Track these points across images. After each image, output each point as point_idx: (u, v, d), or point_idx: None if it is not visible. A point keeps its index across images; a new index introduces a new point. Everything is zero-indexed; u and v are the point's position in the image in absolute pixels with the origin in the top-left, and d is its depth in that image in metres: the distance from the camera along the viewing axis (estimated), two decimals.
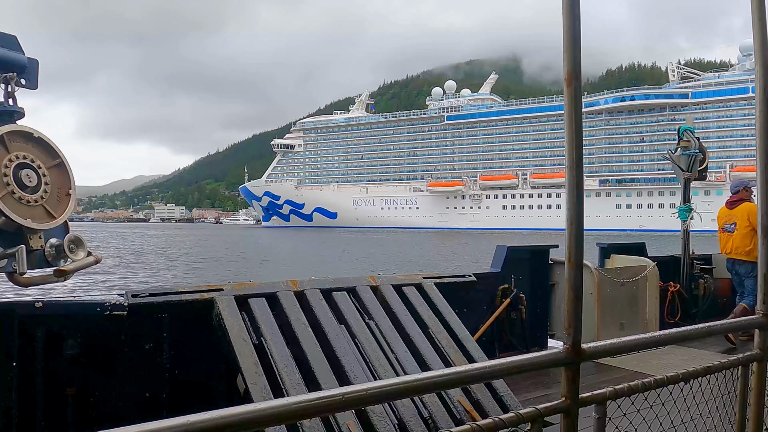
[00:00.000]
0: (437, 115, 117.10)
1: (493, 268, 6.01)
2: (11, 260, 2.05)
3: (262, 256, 39.64)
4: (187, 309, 3.47)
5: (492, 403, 3.59)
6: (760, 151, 2.09)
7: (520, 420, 1.47)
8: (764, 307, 2.11)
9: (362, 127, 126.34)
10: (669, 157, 7.58)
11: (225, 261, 35.76)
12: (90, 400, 3.38)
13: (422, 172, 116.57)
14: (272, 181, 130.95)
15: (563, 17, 1.48)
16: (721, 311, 7.33)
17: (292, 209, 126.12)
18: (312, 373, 3.25)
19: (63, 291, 15.32)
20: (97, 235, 72.40)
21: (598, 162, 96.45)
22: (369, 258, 37.59)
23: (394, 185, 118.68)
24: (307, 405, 1.18)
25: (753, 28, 2.06)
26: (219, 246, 52.98)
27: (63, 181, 2.25)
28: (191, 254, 41.51)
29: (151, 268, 30.52)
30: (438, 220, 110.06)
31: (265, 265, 33.63)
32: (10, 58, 2.15)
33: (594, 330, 5.94)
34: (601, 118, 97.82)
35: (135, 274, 27.28)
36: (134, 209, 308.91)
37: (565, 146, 1.55)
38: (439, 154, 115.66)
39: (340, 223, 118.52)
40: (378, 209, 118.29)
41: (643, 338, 1.94)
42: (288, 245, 53.75)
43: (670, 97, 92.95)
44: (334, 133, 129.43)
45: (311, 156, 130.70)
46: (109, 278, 24.50)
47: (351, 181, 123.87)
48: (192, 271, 29.48)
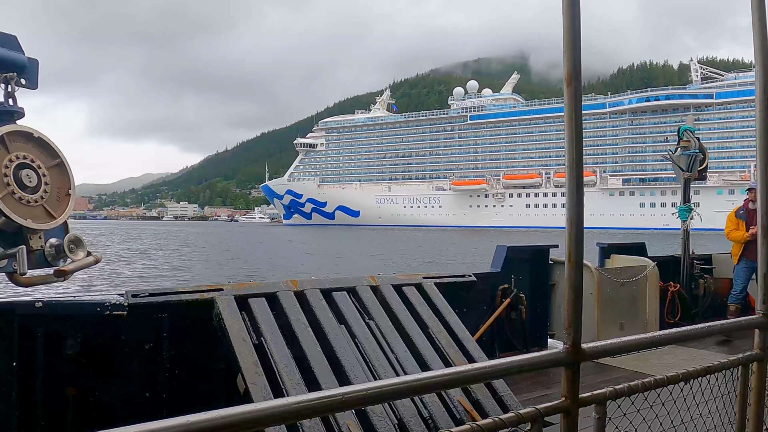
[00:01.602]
0: (460, 115, 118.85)
1: (493, 268, 6.01)
2: (11, 260, 2.05)
3: (312, 253, 40.89)
4: (187, 309, 3.47)
5: (492, 403, 3.59)
6: (760, 151, 2.09)
7: (520, 420, 1.47)
8: (764, 307, 2.11)
9: (384, 126, 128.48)
10: (669, 157, 7.58)
11: (291, 258, 36.91)
12: (90, 400, 3.38)
13: (445, 171, 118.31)
14: (294, 179, 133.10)
15: (563, 17, 1.48)
16: (721, 311, 7.33)
17: (314, 207, 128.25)
18: (312, 373, 3.25)
19: (72, 289, 15.57)
20: (130, 232, 74.37)
21: (621, 161, 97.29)
22: (416, 253, 38.51)
23: (417, 184, 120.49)
24: (307, 405, 1.18)
25: (753, 28, 2.06)
26: (268, 244, 54.05)
27: (63, 181, 2.25)
28: (252, 252, 42.46)
29: (237, 265, 31.30)
30: (461, 219, 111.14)
31: (335, 261, 34.36)
32: (10, 58, 2.15)
33: (594, 330, 5.94)
34: (625, 118, 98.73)
35: (223, 268, 28.58)
36: (145, 207, 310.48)
37: (565, 146, 1.55)
38: (462, 153, 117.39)
39: (362, 221, 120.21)
40: (401, 207, 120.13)
41: (643, 338, 1.94)
42: (334, 244, 54.64)
43: (694, 98, 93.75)
44: (356, 133, 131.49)
45: (333, 155, 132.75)
46: (204, 274, 25.89)
47: (373, 180, 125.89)
48: (264, 267, 30.32)
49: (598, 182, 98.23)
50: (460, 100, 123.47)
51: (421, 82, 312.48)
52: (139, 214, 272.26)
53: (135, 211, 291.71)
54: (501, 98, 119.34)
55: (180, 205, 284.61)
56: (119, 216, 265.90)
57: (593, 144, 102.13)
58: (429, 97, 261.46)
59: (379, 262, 32.26)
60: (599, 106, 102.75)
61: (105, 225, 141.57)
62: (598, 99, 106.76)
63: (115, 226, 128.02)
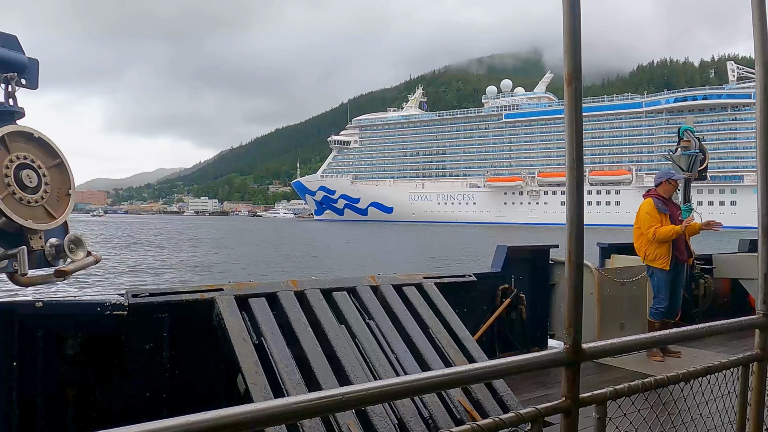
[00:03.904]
0: (494, 113, 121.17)
1: (493, 268, 6.01)
2: (12, 261, 2.05)
3: (390, 249, 41.87)
4: (187, 309, 3.47)
5: (492, 403, 3.59)
6: (760, 151, 2.09)
7: (520, 420, 1.47)
8: (764, 307, 2.11)
9: (418, 124, 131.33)
10: (669, 157, 7.58)
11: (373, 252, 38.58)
12: (90, 400, 3.38)
13: (478, 168, 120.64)
14: (328, 176, 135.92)
15: (563, 17, 1.48)
16: (721, 311, 7.32)
17: (347, 203, 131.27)
18: (312, 373, 3.25)
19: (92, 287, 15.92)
20: (183, 230, 73.74)
21: (657, 161, 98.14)
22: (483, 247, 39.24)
23: (451, 181, 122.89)
24: (307, 405, 1.18)
25: (753, 28, 2.06)
26: (332, 240, 54.93)
27: (63, 181, 2.25)
28: (333, 247, 43.60)
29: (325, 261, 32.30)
30: (495, 215, 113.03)
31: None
32: (11, 58, 2.15)
33: (594, 330, 5.94)
34: (662, 117, 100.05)
35: (322, 263, 29.95)
36: (164, 201, 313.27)
37: (565, 146, 1.55)
38: (496, 151, 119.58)
39: (395, 217, 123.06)
40: (434, 204, 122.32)
41: (643, 338, 1.95)
42: (397, 240, 55.69)
43: (732, 97, 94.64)
44: (389, 130, 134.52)
45: (367, 152, 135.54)
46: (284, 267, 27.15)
47: (407, 177, 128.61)
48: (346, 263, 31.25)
49: (634, 180, 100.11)
50: (493, 99, 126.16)
51: (439, 79, 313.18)
52: (160, 209, 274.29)
53: (155, 205, 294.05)
54: (535, 97, 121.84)
55: (200, 200, 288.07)
56: (140, 210, 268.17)
57: (629, 143, 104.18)
58: (447, 93, 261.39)
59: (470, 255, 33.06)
60: (635, 105, 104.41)
61: (130, 219, 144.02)
62: (634, 98, 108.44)
63: (148, 221, 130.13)
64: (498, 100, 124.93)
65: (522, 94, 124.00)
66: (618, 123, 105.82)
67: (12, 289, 2.83)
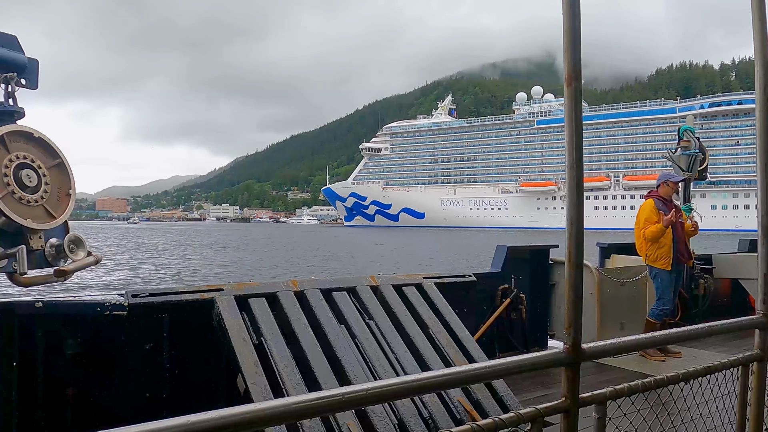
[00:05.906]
0: (526, 120, 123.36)
1: (493, 268, 6.01)
2: (11, 260, 2.05)
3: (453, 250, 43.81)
4: (187, 309, 3.47)
5: (492, 403, 3.59)
6: (760, 151, 2.09)
7: (520, 420, 1.47)
8: (764, 307, 2.10)
9: (449, 131, 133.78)
10: (669, 157, 7.58)
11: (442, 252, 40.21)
12: (90, 401, 3.37)
13: (510, 174, 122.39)
14: (358, 182, 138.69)
15: (563, 17, 1.48)
16: (721, 311, 7.32)
17: (378, 210, 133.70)
18: (312, 373, 3.24)
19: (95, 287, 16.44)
20: (241, 238, 73.86)
21: None
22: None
23: (483, 186, 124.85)
24: (307, 405, 1.18)
25: (753, 28, 2.06)
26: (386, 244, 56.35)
27: (63, 181, 2.25)
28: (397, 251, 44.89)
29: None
30: (528, 220, 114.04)
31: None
32: (10, 58, 2.15)
33: (594, 330, 5.94)
34: (696, 123, 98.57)
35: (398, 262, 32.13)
36: (184, 208, 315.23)
37: (565, 146, 1.55)
38: (528, 157, 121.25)
39: (427, 223, 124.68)
40: (467, 210, 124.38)
41: (643, 338, 1.94)
42: (449, 242, 57.17)
43: None
44: (420, 137, 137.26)
45: (398, 159, 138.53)
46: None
47: (439, 183, 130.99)
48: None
49: None
50: (524, 105, 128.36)
51: (455, 84, 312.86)
52: (181, 216, 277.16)
53: (176, 213, 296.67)
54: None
55: (222, 207, 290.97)
56: (161, 218, 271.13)
57: (662, 148, 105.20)
58: (464, 99, 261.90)
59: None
60: (669, 111, 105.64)
61: (166, 226, 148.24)
62: (668, 104, 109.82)
63: (182, 227, 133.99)
64: (529, 106, 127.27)
65: (552, 101, 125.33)
66: (651, 128, 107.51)
67: (12, 289, 2.83)
